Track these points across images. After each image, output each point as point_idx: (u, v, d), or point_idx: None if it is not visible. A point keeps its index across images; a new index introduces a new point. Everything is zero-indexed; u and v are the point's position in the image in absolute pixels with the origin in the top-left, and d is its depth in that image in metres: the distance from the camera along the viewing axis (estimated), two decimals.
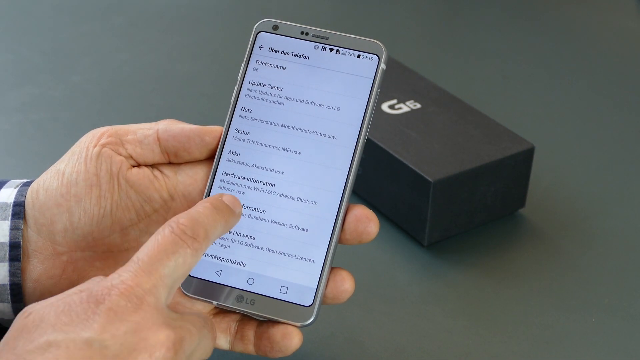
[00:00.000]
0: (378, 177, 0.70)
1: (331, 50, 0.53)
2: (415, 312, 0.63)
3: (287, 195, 0.52)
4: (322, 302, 0.52)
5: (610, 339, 0.61)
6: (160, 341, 0.43)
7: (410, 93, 0.75)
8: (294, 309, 0.51)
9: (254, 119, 0.53)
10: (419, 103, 0.73)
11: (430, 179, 0.65)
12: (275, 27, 0.53)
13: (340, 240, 0.52)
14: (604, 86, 0.91)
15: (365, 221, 0.52)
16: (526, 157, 0.69)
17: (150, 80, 0.89)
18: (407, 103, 0.73)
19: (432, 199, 0.66)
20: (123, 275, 0.45)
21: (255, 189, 0.52)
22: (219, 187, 0.52)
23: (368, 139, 0.69)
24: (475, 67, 0.94)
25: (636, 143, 0.82)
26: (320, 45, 0.53)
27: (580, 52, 0.97)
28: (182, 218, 0.47)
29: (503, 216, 0.72)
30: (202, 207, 0.48)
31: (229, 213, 0.50)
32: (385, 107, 0.73)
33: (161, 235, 0.46)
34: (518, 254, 0.69)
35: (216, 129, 0.53)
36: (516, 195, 0.71)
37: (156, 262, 0.45)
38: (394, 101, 0.74)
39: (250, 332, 0.52)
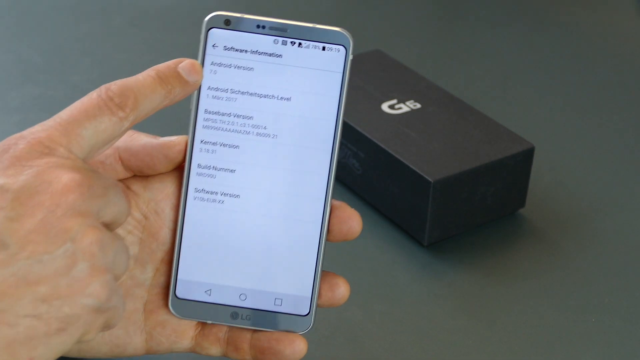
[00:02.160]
0: (378, 177, 0.70)
1: (293, 43, 0.49)
2: (415, 312, 0.63)
3: (268, 206, 0.50)
4: (319, 307, 0.52)
5: (610, 339, 0.61)
6: (63, 182, 0.40)
7: (410, 93, 0.75)
8: (291, 320, 0.50)
9: (219, 129, 0.49)
10: (419, 103, 0.73)
11: (430, 179, 0.65)
12: (227, 22, 0.49)
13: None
14: (604, 86, 0.91)
15: (349, 221, 0.50)
16: (526, 157, 0.69)
17: None
18: (407, 103, 0.73)
19: (432, 199, 0.66)
20: (36, 129, 0.43)
21: (232, 203, 0.50)
22: (194, 204, 0.50)
23: (368, 139, 0.69)
24: (475, 67, 0.94)
25: (636, 143, 0.82)
26: (280, 39, 0.48)
27: (580, 52, 0.97)
28: (114, 85, 0.45)
29: (503, 216, 0.72)
30: (143, 76, 0.46)
31: (177, 82, 0.47)
32: (385, 107, 0.73)
33: (87, 98, 0.44)
34: (518, 254, 0.69)
35: (179, 142, 0.49)
36: (516, 195, 0.71)
37: (75, 121, 0.43)
38: (394, 101, 0.74)
39: (244, 344, 0.51)
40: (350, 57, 0.49)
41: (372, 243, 0.69)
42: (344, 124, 0.72)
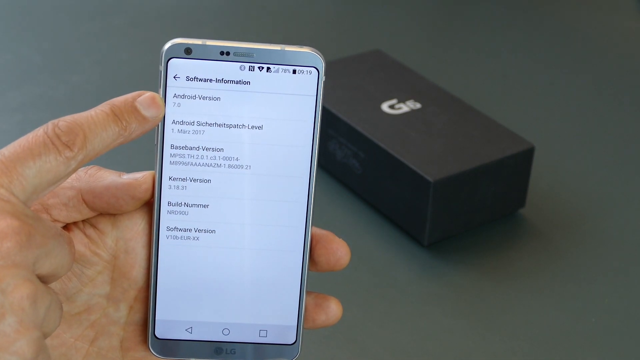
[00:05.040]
0: (378, 177, 0.70)
1: (260, 69, 0.46)
2: (415, 312, 0.63)
3: (245, 240, 0.48)
4: (313, 329, 0.50)
5: (610, 339, 0.61)
6: None
7: (410, 93, 0.75)
8: (278, 350, 0.49)
9: (188, 163, 0.47)
10: (419, 103, 0.73)
11: (430, 179, 0.65)
12: (188, 51, 0.46)
13: (309, 269, 0.49)
14: (604, 86, 0.91)
15: (337, 252, 0.48)
16: (526, 157, 0.69)
17: (150, 80, 0.89)
18: (407, 103, 0.73)
19: (432, 199, 0.66)
20: None
21: (208, 239, 0.48)
22: (167, 243, 0.48)
23: (368, 139, 0.69)
24: (475, 67, 0.94)
25: (636, 143, 0.82)
26: (247, 65, 0.46)
27: (580, 52, 0.97)
28: (63, 121, 0.42)
29: (503, 216, 0.72)
30: (96, 111, 0.43)
31: (133, 118, 0.44)
32: (385, 107, 0.73)
33: (33, 135, 0.41)
34: (518, 254, 0.69)
35: (146, 180, 0.46)
36: (516, 195, 0.71)
37: (17, 160, 0.40)
38: (394, 101, 0.74)
39: None
40: (323, 78, 0.46)
41: (372, 243, 0.69)
42: (344, 124, 0.72)
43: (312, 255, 0.48)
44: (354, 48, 0.96)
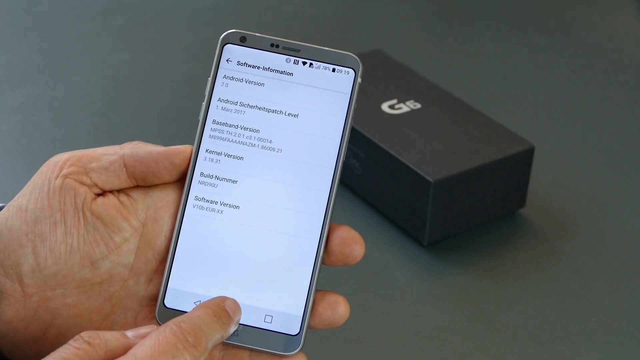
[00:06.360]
0: (378, 177, 0.70)
1: (304, 63, 0.50)
2: (415, 312, 0.63)
3: (266, 220, 0.50)
4: (318, 328, 0.51)
5: (610, 339, 0.61)
6: None
7: (410, 93, 0.75)
8: (280, 339, 0.49)
9: (225, 139, 0.50)
10: (419, 103, 0.73)
11: (430, 179, 0.65)
12: (243, 39, 0.51)
13: (323, 262, 0.50)
14: (604, 86, 0.91)
15: (352, 244, 0.49)
16: (526, 157, 0.69)
17: (150, 80, 0.89)
18: (407, 103, 0.73)
19: (432, 199, 0.66)
20: None
21: (231, 213, 0.50)
22: (193, 212, 0.50)
23: (368, 139, 0.69)
24: (475, 67, 0.94)
25: (636, 143, 0.82)
26: (293, 59, 0.50)
27: (581, 52, 0.97)
28: (184, 323, 0.45)
29: (503, 216, 0.72)
30: (203, 313, 0.46)
31: (229, 321, 0.47)
32: (385, 107, 0.73)
33: (162, 336, 0.44)
34: (518, 254, 0.69)
35: (185, 150, 0.50)
36: (516, 195, 0.71)
37: None
38: (394, 101, 0.74)
39: None
40: (359, 80, 0.50)
41: (372, 243, 0.69)
42: None
43: (327, 245, 0.49)
44: (354, 48, 0.96)
